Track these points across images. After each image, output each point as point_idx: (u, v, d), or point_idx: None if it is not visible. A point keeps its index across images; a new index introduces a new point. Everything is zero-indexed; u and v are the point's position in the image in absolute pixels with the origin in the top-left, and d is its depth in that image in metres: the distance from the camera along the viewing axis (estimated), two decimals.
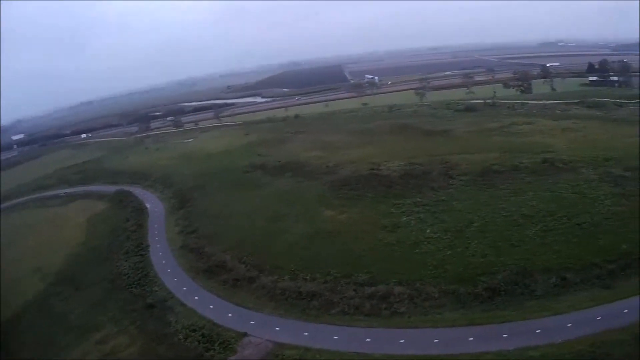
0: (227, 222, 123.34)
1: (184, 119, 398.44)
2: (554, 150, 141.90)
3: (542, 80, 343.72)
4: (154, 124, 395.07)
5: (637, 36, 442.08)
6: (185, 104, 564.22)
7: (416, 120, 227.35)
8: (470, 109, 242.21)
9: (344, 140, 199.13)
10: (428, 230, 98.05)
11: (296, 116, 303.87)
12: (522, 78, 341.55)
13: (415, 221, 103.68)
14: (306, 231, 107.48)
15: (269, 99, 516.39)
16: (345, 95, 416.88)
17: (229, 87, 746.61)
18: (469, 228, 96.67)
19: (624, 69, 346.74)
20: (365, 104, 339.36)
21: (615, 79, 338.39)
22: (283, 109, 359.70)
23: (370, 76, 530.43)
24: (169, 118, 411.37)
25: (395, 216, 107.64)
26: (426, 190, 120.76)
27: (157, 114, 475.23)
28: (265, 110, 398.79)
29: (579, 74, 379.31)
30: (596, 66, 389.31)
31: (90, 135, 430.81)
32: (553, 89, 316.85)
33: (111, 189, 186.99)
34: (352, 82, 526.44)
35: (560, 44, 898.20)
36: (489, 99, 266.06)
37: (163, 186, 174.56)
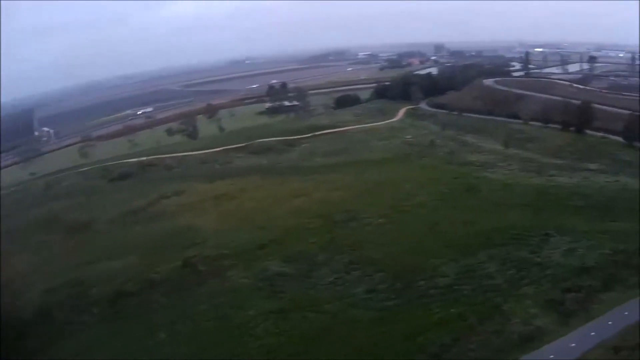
0: None
1: None
2: (201, 240, 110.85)
3: (211, 116, 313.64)
4: None
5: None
6: None
7: (58, 205, 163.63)
8: (124, 175, 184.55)
9: None
10: None
11: None
12: (187, 117, 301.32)
13: None
14: None
15: None
16: None
17: None
18: None
19: (301, 92, 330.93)
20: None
21: (292, 103, 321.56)
22: None
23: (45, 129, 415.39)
24: None
25: None
26: None
27: None
28: None
29: (260, 99, 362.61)
30: (276, 87, 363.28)
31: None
32: (221, 129, 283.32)
33: None
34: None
35: (247, 61, 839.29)
36: (144, 157, 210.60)
37: None
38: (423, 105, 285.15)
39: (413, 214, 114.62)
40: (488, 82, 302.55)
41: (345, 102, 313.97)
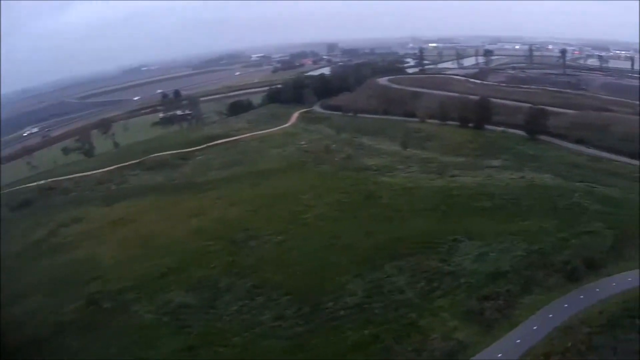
0: None
1: None
2: (103, 272, 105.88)
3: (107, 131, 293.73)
4: None
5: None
6: None
7: None
8: (25, 202, 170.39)
9: None
10: None
11: None
12: (82, 133, 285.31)
13: None
14: None
15: None
16: None
17: None
18: None
19: (193, 100, 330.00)
20: None
21: (185, 112, 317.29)
22: None
23: None
24: None
25: None
26: None
27: None
28: None
29: (154, 109, 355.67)
30: (169, 96, 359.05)
31: None
32: (116, 144, 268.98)
33: None
34: None
35: (143, 68, 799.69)
36: (43, 180, 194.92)
37: None
38: (317, 107, 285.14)
39: (313, 228, 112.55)
40: (382, 80, 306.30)
41: (238, 108, 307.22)
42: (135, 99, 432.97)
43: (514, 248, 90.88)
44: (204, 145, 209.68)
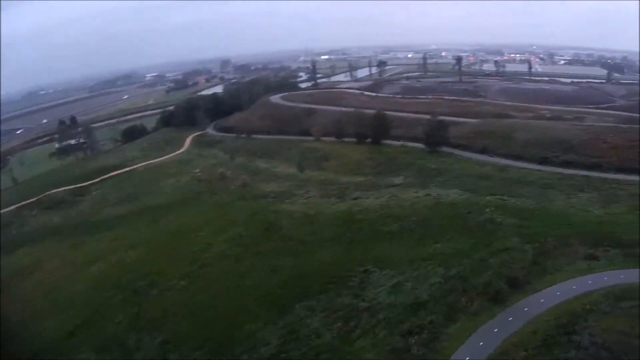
0: None
1: None
2: (12, 333, 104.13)
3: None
4: None
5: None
6: None
7: None
8: None
9: None
10: None
11: None
12: None
13: None
14: None
15: None
16: None
17: None
18: None
19: (88, 127, 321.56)
20: None
21: (79, 141, 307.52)
22: None
23: None
24: None
25: None
26: None
27: None
28: None
29: (51, 137, 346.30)
30: (65, 123, 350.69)
31: None
32: (15, 180, 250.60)
33: None
34: None
35: (41, 92, 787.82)
36: None
37: None
38: (210, 130, 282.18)
39: (215, 269, 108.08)
40: (275, 98, 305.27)
41: (131, 134, 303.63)
42: (33, 126, 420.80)
43: (430, 274, 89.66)
44: (99, 179, 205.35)
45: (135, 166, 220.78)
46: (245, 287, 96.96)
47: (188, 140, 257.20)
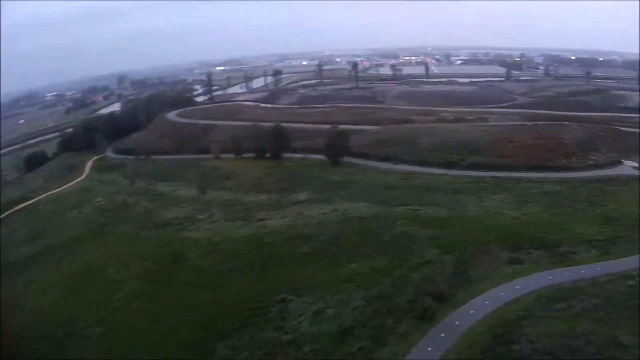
0: None
1: None
2: None
3: None
4: None
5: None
6: None
7: None
8: None
9: None
10: None
11: None
12: None
13: None
14: None
15: None
16: None
17: None
18: None
19: None
20: None
21: None
22: None
23: None
24: None
25: None
26: None
27: None
28: None
29: None
30: None
31: None
32: None
33: None
34: None
35: None
36: None
37: None
38: (110, 152, 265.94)
39: (129, 310, 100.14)
40: (171, 115, 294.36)
41: (33, 161, 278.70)
42: None
43: (350, 298, 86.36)
44: (6, 214, 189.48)
45: (38, 197, 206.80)
46: (163, 330, 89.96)
47: (89, 165, 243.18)
